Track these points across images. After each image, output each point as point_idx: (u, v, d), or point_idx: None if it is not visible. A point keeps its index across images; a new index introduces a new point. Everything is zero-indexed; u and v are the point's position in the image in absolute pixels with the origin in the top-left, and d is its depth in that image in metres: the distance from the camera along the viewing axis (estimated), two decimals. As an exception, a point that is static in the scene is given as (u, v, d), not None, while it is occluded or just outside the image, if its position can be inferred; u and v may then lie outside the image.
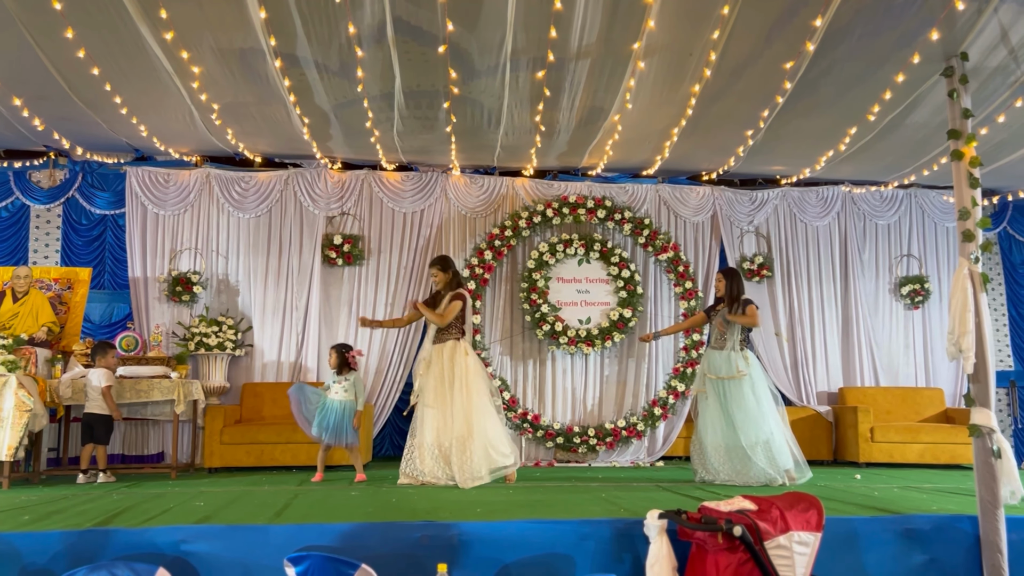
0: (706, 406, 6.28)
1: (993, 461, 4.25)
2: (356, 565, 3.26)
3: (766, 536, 3.42)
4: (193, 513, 4.26)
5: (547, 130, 7.03)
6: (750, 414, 6.10)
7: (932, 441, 7.69)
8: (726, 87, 6.02)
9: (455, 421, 5.82)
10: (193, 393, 7.00)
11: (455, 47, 5.45)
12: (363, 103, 6.39)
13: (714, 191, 8.69)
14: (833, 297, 8.74)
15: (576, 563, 3.73)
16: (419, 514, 4.20)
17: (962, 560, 4.08)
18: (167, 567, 3.35)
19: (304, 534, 3.69)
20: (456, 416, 5.83)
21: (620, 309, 8.29)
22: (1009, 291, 9.31)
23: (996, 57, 5.30)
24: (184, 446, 7.58)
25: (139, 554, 3.54)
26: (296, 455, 7.10)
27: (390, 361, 8.06)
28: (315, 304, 8.05)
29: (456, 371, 5.96)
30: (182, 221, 8.13)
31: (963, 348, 4.40)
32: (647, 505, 4.16)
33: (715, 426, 6.17)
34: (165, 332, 7.72)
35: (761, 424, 6.08)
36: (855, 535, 3.99)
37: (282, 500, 4.85)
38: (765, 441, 6.03)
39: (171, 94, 6.32)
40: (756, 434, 6.05)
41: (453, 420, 5.83)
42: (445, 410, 5.89)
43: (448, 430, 5.84)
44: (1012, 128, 6.43)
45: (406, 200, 8.33)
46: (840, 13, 4.85)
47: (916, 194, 8.98)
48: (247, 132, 7.34)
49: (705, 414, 6.28)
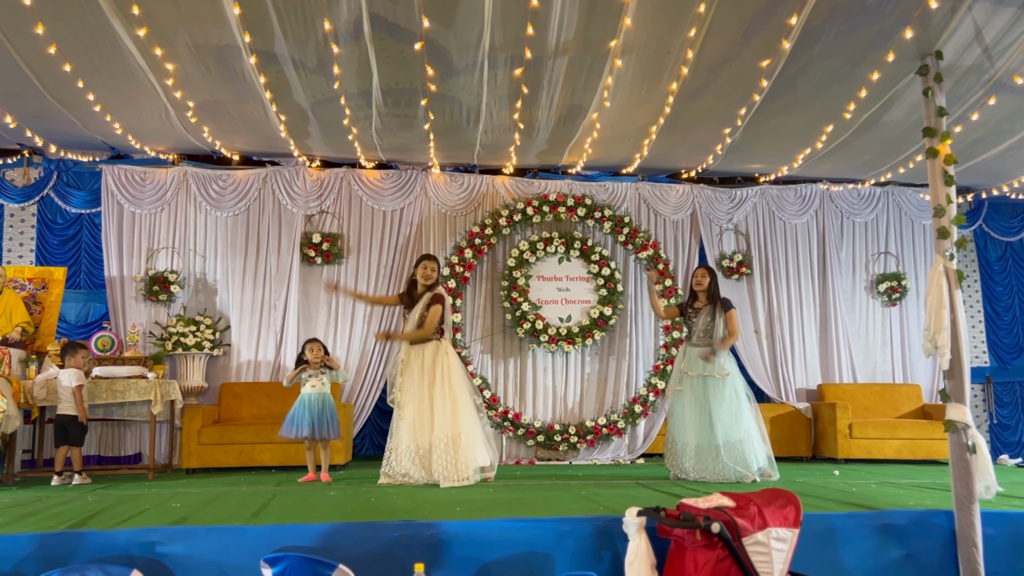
0: (682, 404, 6.26)
1: (968, 456, 4.28)
2: (333, 565, 3.23)
3: (744, 533, 3.43)
4: (169, 514, 4.21)
5: (526, 128, 7.02)
6: (731, 412, 6.12)
7: (909, 437, 7.75)
8: (704, 85, 6.04)
9: (439, 421, 5.74)
10: (170, 393, 6.93)
11: (432, 44, 5.43)
12: (340, 100, 6.35)
13: (693, 189, 8.72)
14: (811, 294, 8.79)
15: (555, 561, 3.72)
16: (398, 513, 4.18)
17: (938, 555, 4.11)
18: (141, 569, 3.31)
19: (282, 535, 3.66)
20: (440, 416, 5.75)
21: (600, 307, 8.30)
22: (984, 288, 9.41)
23: (970, 55, 5.35)
24: (161, 447, 7.51)
25: (113, 556, 3.49)
26: (275, 455, 7.05)
27: (370, 360, 8.02)
28: (294, 303, 7.99)
29: (438, 371, 5.87)
30: (159, 220, 8.05)
31: (939, 344, 4.44)
32: (627, 503, 4.16)
33: (691, 424, 6.16)
34: (142, 332, 7.65)
35: (740, 422, 6.11)
36: (832, 531, 4.01)
37: (260, 501, 4.81)
38: (740, 440, 6.06)
39: (146, 91, 6.25)
40: (735, 432, 6.08)
41: (435, 420, 5.75)
42: (424, 411, 5.81)
43: (426, 431, 5.77)
44: (986, 126, 6.50)
45: (385, 198, 8.29)
46: (816, 11, 4.87)
47: (893, 192, 9.06)
48: (224, 130, 7.27)
49: (682, 412, 6.25)
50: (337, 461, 7.03)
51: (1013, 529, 4.17)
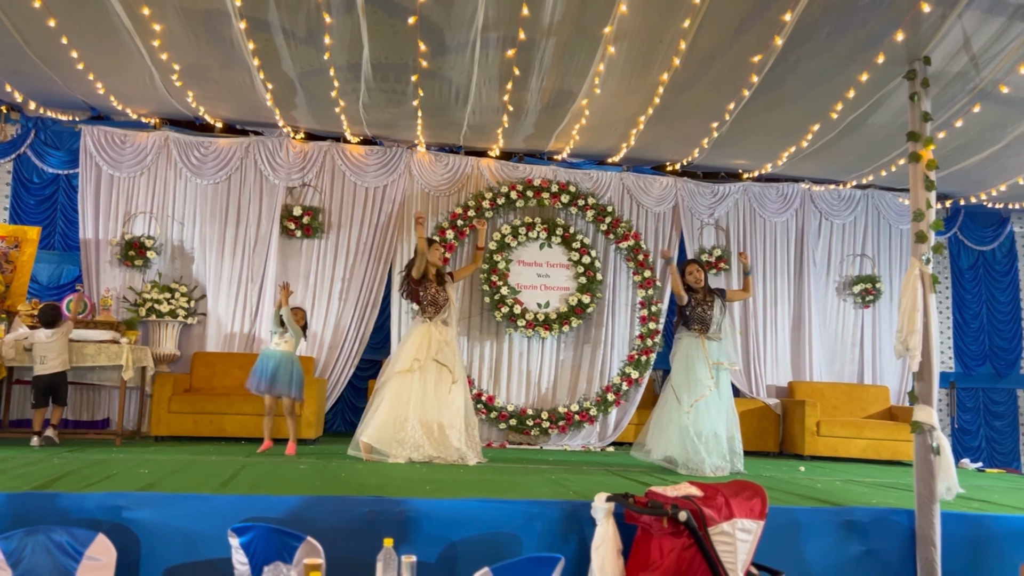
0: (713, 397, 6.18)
1: (932, 458, 4.36)
2: (301, 538, 3.23)
3: (710, 522, 3.47)
4: (136, 480, 4.18)
5: (515, 111, 7.00)
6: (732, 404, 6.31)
7: (875, 437, 7.87)
8: (694, 77, 6.04)
9: (456, 401, 6.06)
10: (142, 360, 6.87)
11: (425, 20, 5.39)
12: (329, 72, 6.29)
13: (677, 182, 8.75)
14: (787, 292, 8.88)
15: (523, 542, 3.75)
16: (367, 489, 4.18)
17: (897, 553, 4.19)
18: (107, 534, 3.29)
19: (250, 505, 3.65)
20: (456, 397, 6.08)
21: (579, 295, 8.32)
22: (955, 295, 9.55)
23: (958, 63, 5.39)
24: (130, 413, 7.45)
25: (79, 519, 3.47)
26: (245, 426, 7.02)
27: (345, 336, 7.99)
28: (271, 275, 7.93)
29: (453, 355, 6.18)
30: (138, 184, 7.94)
31: (910, 346, 4.51)
32: (596, 488, 4.20)
33: (717, 417, 6.15)
34: (116, 296, 7.56)
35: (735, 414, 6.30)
36: (796, 524, 4.07)
37: (229, 471, 4.79)
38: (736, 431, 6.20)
39: (130, 52, 6.15)
40: (735, 423, 6.24)
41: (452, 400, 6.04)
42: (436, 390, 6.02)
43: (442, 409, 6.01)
44: (969, 134, 6.57)
45: (369, 174, 8.24)
46: (809, 10, 4.89)
47: (873, 195, 9.14)
48: (208, 96, 7.18)
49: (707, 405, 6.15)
50: (308, 436, 7.02)
51: (971, 530, 4.25)
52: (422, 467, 5.51)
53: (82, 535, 3.22)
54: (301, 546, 3.20)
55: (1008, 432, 9.31)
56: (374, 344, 8.45)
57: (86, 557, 3.16)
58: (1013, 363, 9.38)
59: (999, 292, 9.50)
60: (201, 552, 3.51)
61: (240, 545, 3.18)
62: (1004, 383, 9.38)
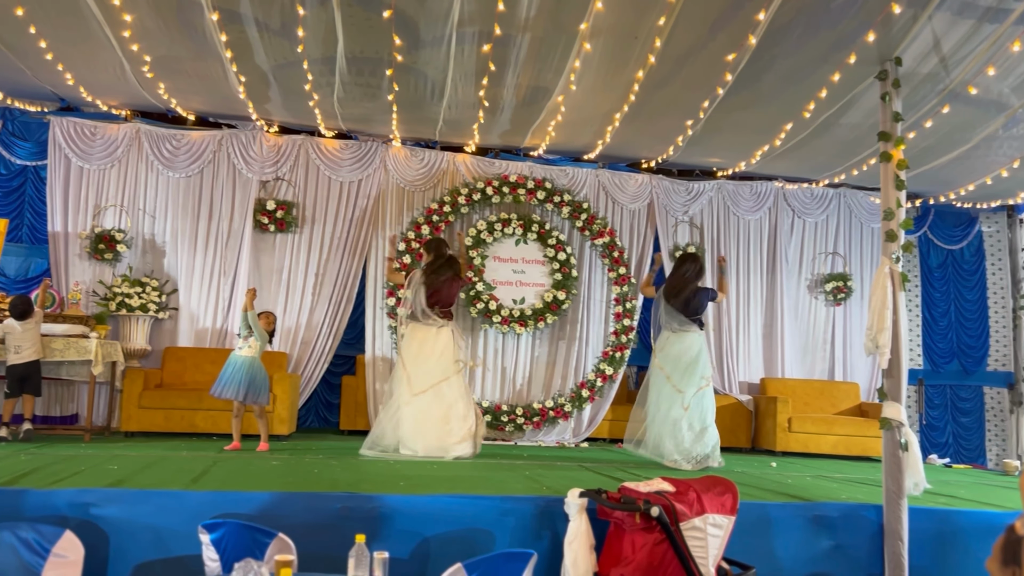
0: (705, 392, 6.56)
1: (900, 453, 4.43)
2: (273, 534, 3.21)
3: (682, 517, 3.50)
4: (105, 476, 4.13)
5: (491, 106, 6.99)
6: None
7: (846, 433, 7.97)
8: (669, 75, 6.06)
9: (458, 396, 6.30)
10: (112, 354, 6.78)
11: (401, 14, 5.36)
12: (303, 65, 6.24)
13: (652, 179, 8.78)
14: (759, 290, 8.95)
15: (496, 538, 3.76)
16: (340, 485, 4.17)
17: (866, 547, 4.25)
18: (75, 530, 3.25)
19: (221, 502, 3.62)
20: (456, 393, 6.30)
21: (554, 291, 8.33)
22: (924, 293, 9.68)
23: (928, 64, 5.46)
24: (100, 409, 7.35)
25: (46, 516, 3.42)
26: (217, 422, 6.95)
27: (319, 332, 7.94)
28: (244, 270, 7.86)
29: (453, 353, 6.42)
30: (108, 176, 7.82)
31: (880, 344, 4.57)
32: (569, 484, 4.21)
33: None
34: (85, 290, 7.46)
35: None
36: (767, 520, 4.11)
37: (200, 467, 4.75)
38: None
39: (100, 43, 6.05)
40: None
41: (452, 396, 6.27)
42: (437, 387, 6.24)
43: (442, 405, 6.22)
44: (938, 134, 6.66)
45: (344, 169, 8.19)
46: (783, 9, 4.92)
47: (845, 194, 9.24)
48: (180, 88, 7.09)
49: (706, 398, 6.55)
50: (281, 432, 6.97)
51: (938, 525, 4.33)
52: (396, 463, 5.50)
53: (49, 532, 3.17)
54: (272, 542, 3.18)
55: (974, 428, 9.47)
56: (348, 340, 8.41)
57: (53, 554, 3.12)
58: (980, 360, 9.53)
59: (967, 291, 9.65)
60: (171, 549, 3.48)
61: (211, 542, 3.15)
62: (971, 380, 9.53)
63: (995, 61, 5.36)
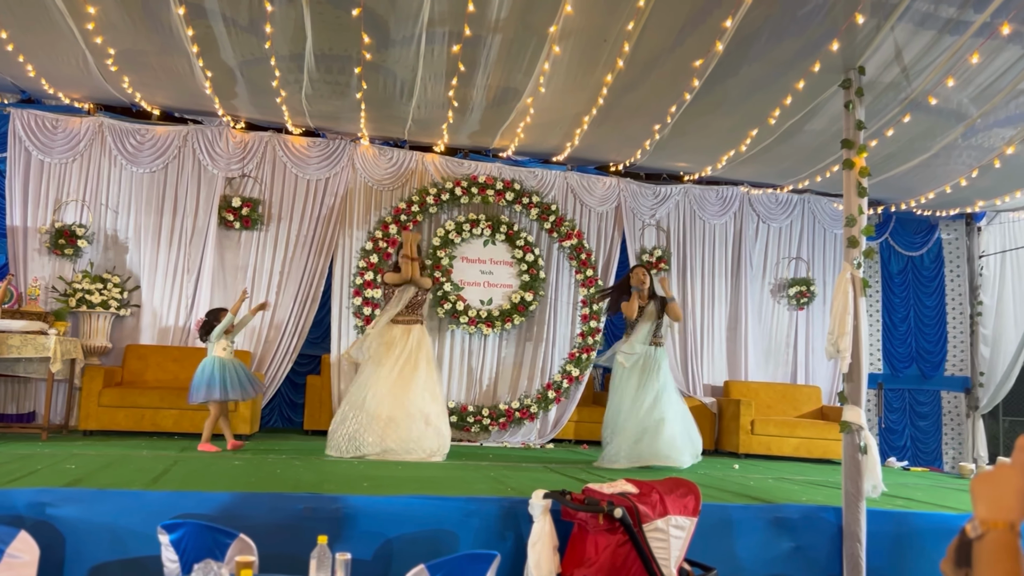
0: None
1: (859, 456, 4.50)
2: (234, 535, 3.18)
3: (645, 519, 3.53)
4: (63, 476, 4.06)
5: (460, 106, 6.98)
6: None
7: (807, 436, 8.07)
8: (638, 79, 6.11)
9: (421, 398, 6.20)
10: (71, 352, 6.66)
11: (370, 12, 5.34)
12: (271, 62, 6.18)
13: (620, 183, 8.84)
14: (724, 293, 9.04)
15: (460, 539, 3.75)
16: (303, 486, 4.13)
17: (825, 548, 4.32)
18: (30, 531, 3.18)
19: (182, 502, 3.58)
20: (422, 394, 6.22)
21: (522, 292, 8.34)
22: (885, 299, 9.85)
23: (890, 73, 5.57)
24: (58, 407, 7.21)
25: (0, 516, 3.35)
26: (179, 421, 6.86)
27: (283, 331, 7.86)
28: (208, 267, 7.76)
29: (424, 353, 6.39)
30: (70, 170, 7.68)
31: (840, 348, 4.65)
32: (534, 485, 4.22)
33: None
34: (44, 286, 7.32)
35: None
36: (729, 521, 4.16)
37: (161, 466, 4.68)
38: None
39: (63, 35, 5.94)
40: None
41: (415, 397, 6.17)
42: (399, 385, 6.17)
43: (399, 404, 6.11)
44: (900, 142, 6.78)
45: (311, 167, 8.12)
46: (749, 17, 4.98)
47: (809, 200, 9.37)
48: (145, 83, 6.99)
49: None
50: (243, 431, 6.89)
51: (894, 527, 4.41)
52: (360, 464, 5.47)
53: (3, 532, 3.10)
54: (233, 543, 3.15)
55: (932, 432, 9.65)
56: (313, 339, 8.35)
57: (7, 555, 3.05)
58: (937, 365, 9.72)
59: (926, 297, 9.84)
60: (129, 550, 3.43)
61: (170, 542, 3.11)
62: (929, 384, 9.71)
63: (955, 72, 5.48)
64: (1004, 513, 1.27)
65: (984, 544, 1.27)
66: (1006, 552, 1.25)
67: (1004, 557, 1.25)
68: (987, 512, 1.28)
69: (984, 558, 1.26)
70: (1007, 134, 6.54)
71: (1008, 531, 1.26)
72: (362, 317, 7.91)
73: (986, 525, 1.27)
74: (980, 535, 1.28)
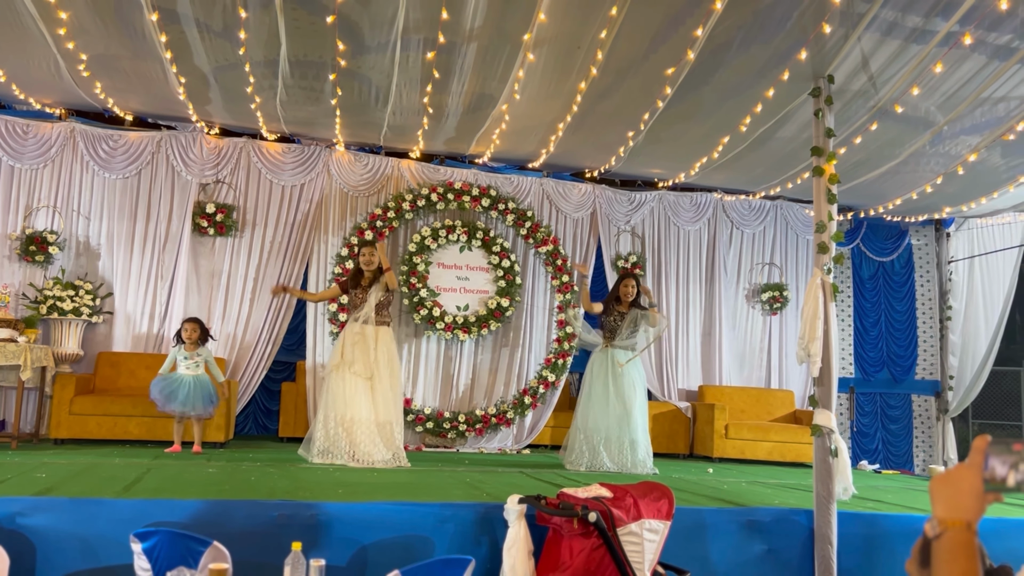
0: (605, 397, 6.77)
1: (830, 460, 4.57)
2: (207, 542, 3.16)
3: (619, 523, 3.55)
4: (33, 485, 4.01)
5: (435, 113, 7.00)
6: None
7: (780, 440, 8.15)
8: (611, 87, 6.16)
9: (380, 403, 6.17)
10: (42, 359, 6.58)
11: (345, 19, 5.34)
12: (245, 68, 6.16)
13: (595, 189, 8.89)
14: (698, 299, 9.12)
15: (435, 545, 3.76)
16: (277, 493, 4.12)
17: (797, 551, 4.37)
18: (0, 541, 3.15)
19: (154, 510, 3.56)
20: (381, 399, 6.18)
21: (498, 298, 8.36)
22: (856, 304, 9.97)
23: (858, 81, 5.66)
24: (28, 415, 7.12)
25: (-32, 527, 3.31)
26: (152, 429, 6.79)
27: (258, 337, 7.82)
28: (182, 274, 7.70)
29: (385, 356, 6.27)
30: (40, 176, 7.59)
31: (811, 353, 4.71)
32: (509, 490, 4.24)
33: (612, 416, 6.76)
34: (14, 293, 7.22)
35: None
36: (702, 524, 4.20)
37: (133, 474, 4.64)
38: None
39: (34, 39, 5.89)
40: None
41: (376, 402, 6.15)
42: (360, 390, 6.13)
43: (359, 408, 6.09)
44: (868, 149, 6.89)
45: (286, 172, 8.10)
46: (720, 27, 5.05)
47: (781, 206, 9.49)
48: (118, 88, 6.94)
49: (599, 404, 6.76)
50: (217, 439, 6.85)
51: (865, 529, 4.47)
52: (335, 470, 5.45)
53: (-29, 543, 3.08)
54: (207, 551, 3.13)
55: (903, 435, 9.78)
56: (288, 346, 8.31)
57: (-25, 565, 3.02)
58: (908, 369, 9.86)
59: (896, 302, 9.98)
60: (101, 559, 3.40)
61: (142, 551, 3.09)
62: (900, 388, 9.85)
63: (920, 81, 5.58)
64: (961, 512, 1.31)
65: (942, 543, 1.30)
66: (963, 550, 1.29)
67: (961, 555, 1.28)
68: (945, 512, 1.32)
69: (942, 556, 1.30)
70: (972, 141, 6.66)
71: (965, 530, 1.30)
72: (337, 323, 7.89)
73: (944, 524, 1.31)
74: (938, 534, 1.31)
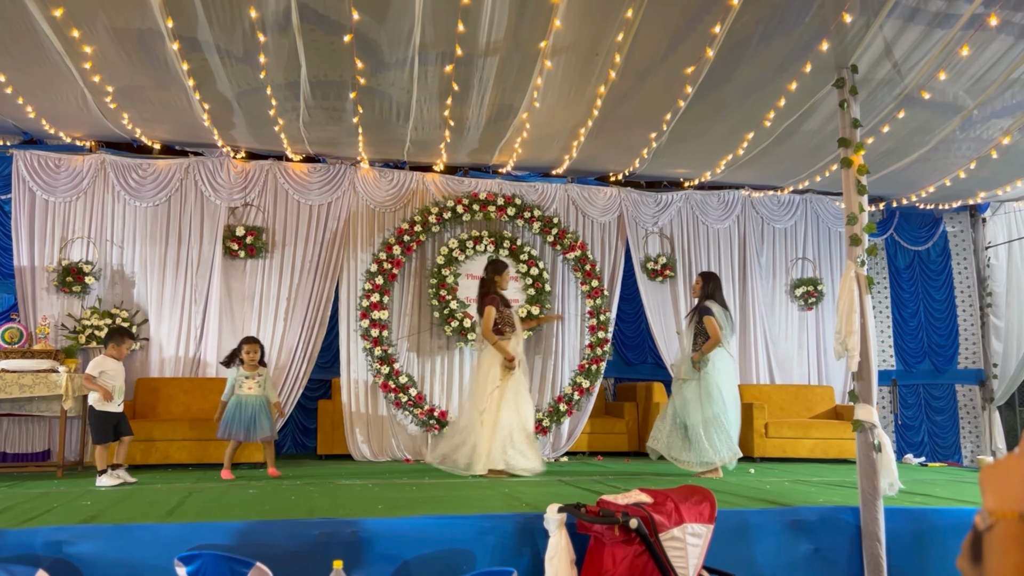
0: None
1: (874, 455, 4.48)
2: (250, 563, 3.18)
3: (661, 528, 3.51)
4: (78, 513, 4.07)
5: (457, 126, 7.02)
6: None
7: (822, 437, 8.03)
8: (631, 89, 6.13)
9: (525, 413, 6.68)
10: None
11: (362, 37, 5.38)
12: (267, 91, 6.23)
13: (621, 192, 8.85)
14: (732, 297, 9.01)
15: (476, 558, 3.74)
16: (318, 511, 4.14)
17: (845, 549, 4.29)
18: (48, 570, 3.20)
19: (197, 533, 3.59)
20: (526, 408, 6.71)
21: (528, 306, 8.35)
22: (893, 295, 9.82)
23: (882, 69, 5.57)
24: (72, 444, 7.24)
25: (18, 556, 3.36)
26: (193, 452, 6.88)
27: (293, 356, 7.87)
28: (215, 297, 7.80)
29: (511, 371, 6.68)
30: (74, 208, 7.74)
31: (849, 347, 4.63)
32: (548, 499, 4.21)
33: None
34: (53, 324, 7.36)
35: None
36: (746, 526, 4.14)
37: (175, 498, 4.69)
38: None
39: (61, 74, 6.01)
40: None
41: (524, 412, 6.66)
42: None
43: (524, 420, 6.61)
44: (897, 137, 6.78)
45: (312, 192, 8.17)
46: (738, 22, 5.00)
47: (811, 199, 9.37)
48: (144, 118, 7.05)
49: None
50: (257, 459, 6.90)
51: (913, 524, 4.38)
52: (374, 487, 5.46)
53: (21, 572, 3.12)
54: (250, 572, 3.15)
55: (948, 426, 9.58)
56: (322, 363, 8.36)
57: (25, 595, 3.07)
58: (951, 359, 9.67)
59: (935, 290, 9.80)
60: (147, 584, 3.44)
61: (187, 574, 3.12)
62: (943, 379, 9.66)
63: (946, 65, 5.48)
64: (1012, 503, 1.26)
65: (993, 535, 1.26)
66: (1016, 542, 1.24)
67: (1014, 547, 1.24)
68: (995, 503, 1.27)
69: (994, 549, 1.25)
70: (1004, 124, 6.53)
71: (1017, 521, 1.25)
72: (370, 339, 7.92)
73: (995, 516, 1.26)
74: (989, 526, 1.27)
